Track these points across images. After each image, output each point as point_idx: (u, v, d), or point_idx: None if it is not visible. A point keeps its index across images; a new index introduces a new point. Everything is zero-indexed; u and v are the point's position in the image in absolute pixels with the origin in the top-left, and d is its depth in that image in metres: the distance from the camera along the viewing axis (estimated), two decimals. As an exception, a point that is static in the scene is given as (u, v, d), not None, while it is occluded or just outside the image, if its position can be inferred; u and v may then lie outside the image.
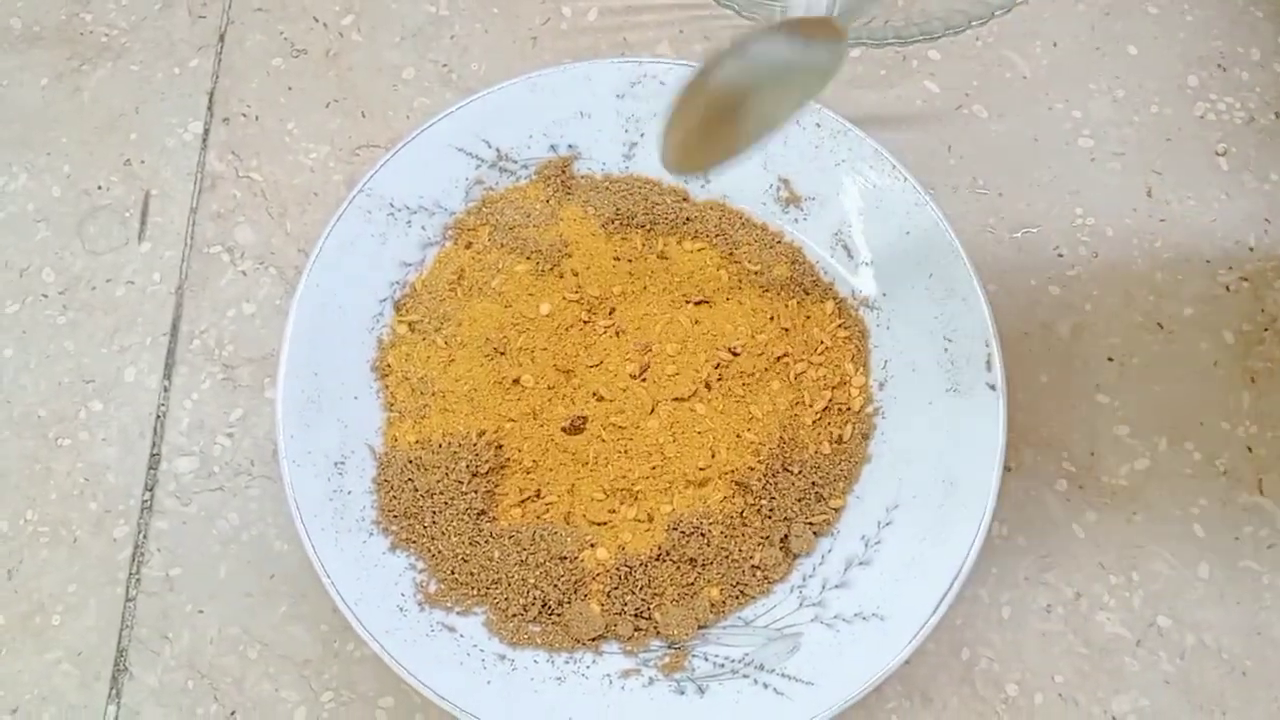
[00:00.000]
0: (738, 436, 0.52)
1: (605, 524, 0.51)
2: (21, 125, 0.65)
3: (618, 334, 0.54)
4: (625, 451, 0.52)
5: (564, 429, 0.52)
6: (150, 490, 0.56)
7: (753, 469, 0.51)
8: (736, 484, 0.52)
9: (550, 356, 0.53)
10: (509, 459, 0.52)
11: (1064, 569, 0.54)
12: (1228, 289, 0.59)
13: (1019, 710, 0.51)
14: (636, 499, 0.51)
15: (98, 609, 0.54)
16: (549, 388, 0.53)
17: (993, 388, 0.50)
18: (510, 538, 0.50)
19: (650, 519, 0.51)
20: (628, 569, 0.50)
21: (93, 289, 0.60)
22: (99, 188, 0.63)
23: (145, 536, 0.55)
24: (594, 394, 0.53)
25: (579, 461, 0.52)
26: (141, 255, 0.61)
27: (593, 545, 0.51)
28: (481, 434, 0.52)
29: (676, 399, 0.52)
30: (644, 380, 0.53)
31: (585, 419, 0.52)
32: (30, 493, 0.56)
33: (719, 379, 0.53)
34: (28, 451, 0.57)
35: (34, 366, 0.59)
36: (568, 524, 0.51)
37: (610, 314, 0.54)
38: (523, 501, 0.52)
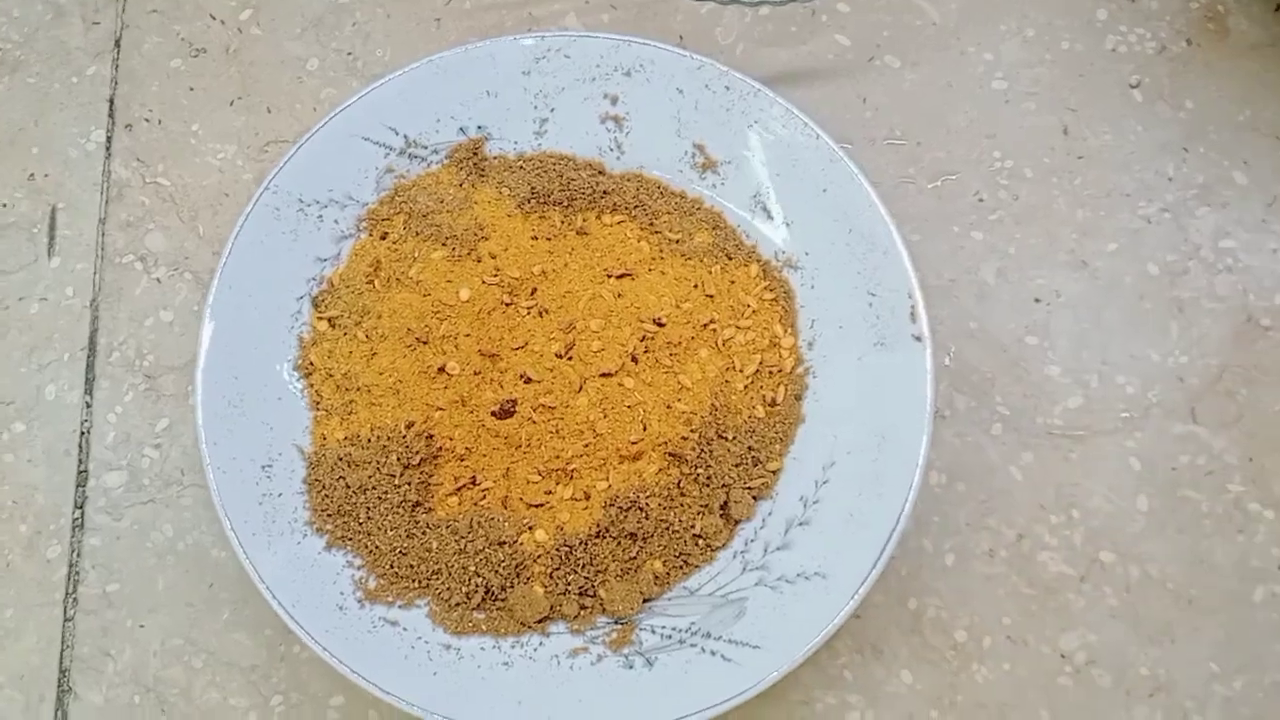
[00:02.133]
0: (668, 407, 0.52)
1: (543, 505, 0.51)
2: (-80, 145, 0.63)
3: (541, 314, 0.53)
4: (556, 431, 0.51)
5: (494, 414, 0.52)
6: (80, 508, 0.55)
7: (686, 439, 0.51)
8: (671, 455, 0.51)
9: (474, 342, 0.53)
10: (441, 448, 0.52)
11: (1004, 512, 0.54)
12: (1149, 221, 0.59)
13: (969, 655, 0.52)
14: (572, 478, 0.51)
15: (36, 631, 0.53)
16: (475, 373, 0.52)
17: (918, 339, 0.50)
18: (447, 527, 0.50)
19: (587, 497, 0.51)
20: (568, 549, 0.50)
21: (5, 308, 0.59)
22: (3, 205, 0.61)
23: (79, 554, 0.54)
24: (521, 376, 0.52)
25: (511, 445, 0.51)
26: (53, 270, 0.60)
27: (531, 528, 0.50)
28: (410, 425, 0.51)
29: (604, 375, 0.52)
30: (570, 359, 0.52)
31: (515, 402, 0.52)
32: (-42, 520, 0.55)
33: (645, 351, 0.53)
34: (-48, 478, 0.56)
35: (-48, 391, 0.58)
36: (505, 508, 0.51)
37: (532, 294, 0.54)
38: (458, 490, 0.51)
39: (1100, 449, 0.55)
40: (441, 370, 0.52)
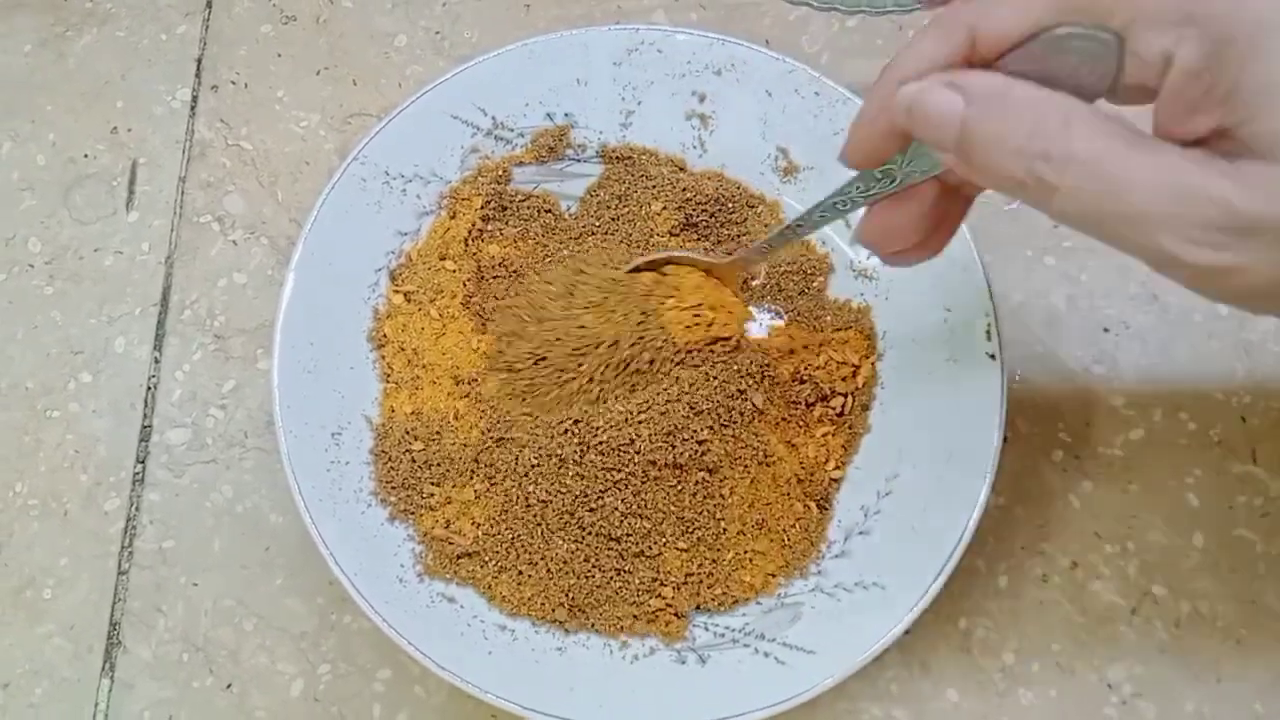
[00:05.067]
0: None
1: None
2: (6, 93, 0.64)
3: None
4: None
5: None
6: (142, 462, 0.56)
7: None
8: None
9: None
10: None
11: (1060, 538, 0.54)
12: (1222, 260, 0.59)
13: (1016, 678, 0.52)
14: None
15: (90, 582, 0.54)
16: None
17: (992, 357, 0.50)
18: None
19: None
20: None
21: (80, 259, 0.60)
22: (85, 156, 0.62)
23: (138, 509, 0.55)
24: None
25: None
26: (130, 224, 0.60)
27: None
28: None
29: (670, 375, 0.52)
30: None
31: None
32: (19, 465, 0.56)
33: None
34: (16, 423, 0.56)
35: (21, 337, 0.58)
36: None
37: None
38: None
39: (1159, 483, 0.55)
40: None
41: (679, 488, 0.50)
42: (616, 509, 0.49)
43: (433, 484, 0.51)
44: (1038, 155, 0.31)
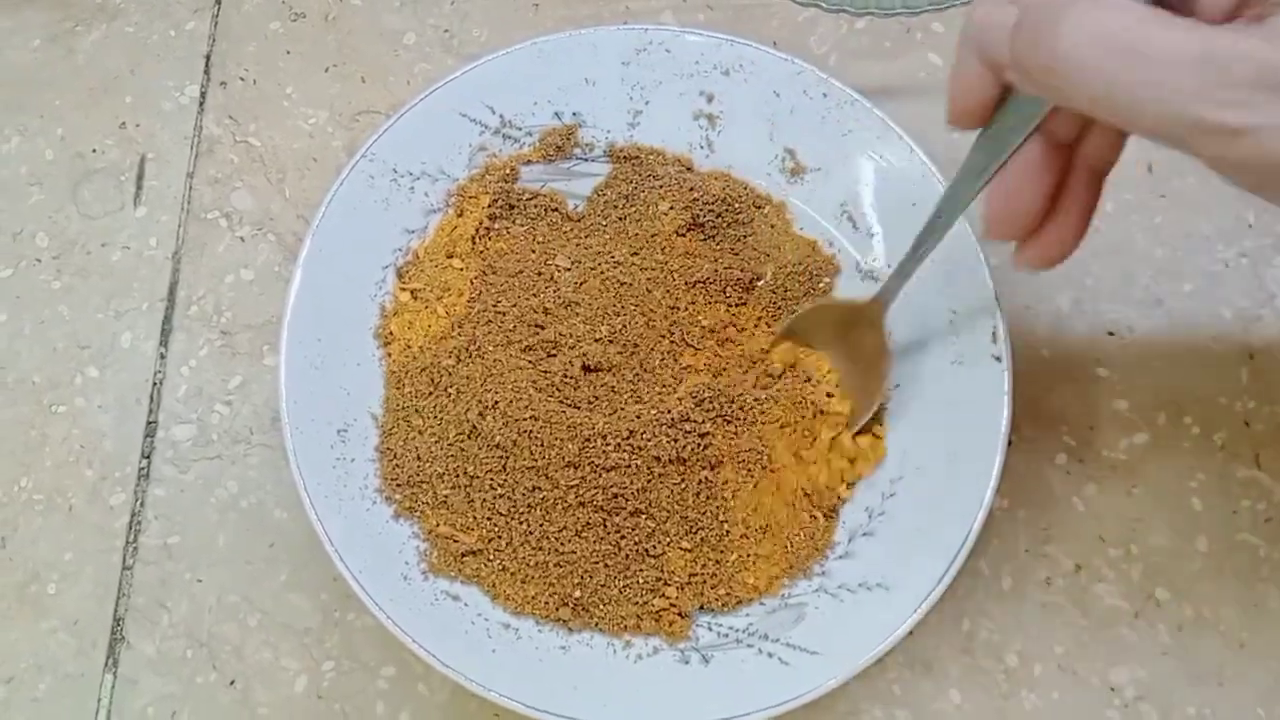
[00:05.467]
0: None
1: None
2: (14, 87, 0.64)
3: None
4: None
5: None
6: (147, 458, 0.56)
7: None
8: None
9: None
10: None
11: (1064, 541, 0.54)
12: (1226, 265, 0.59)
13: (1019, 680, 0.52)
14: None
15: (94, 577, 0.54)
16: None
17: (998, 359, 0.50)
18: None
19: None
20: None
21: (87, 253, 0.60)
22: (94, 151, 0.62)
23: (143, 504, 0.55)
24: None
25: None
26: (137, 220, 0.60)
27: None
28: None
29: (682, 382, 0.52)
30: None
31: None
32: (25, 459, 0.56)
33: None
34: (22, 418, 0.57)
35: (28, 332, 0.58)
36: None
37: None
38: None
39: (1163, 487, 0.55)
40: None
41: (682, 485, 0.50)
42: (620, 508, 0.49)
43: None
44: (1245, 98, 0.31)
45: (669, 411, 0.50)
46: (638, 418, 0.50)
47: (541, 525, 0.49)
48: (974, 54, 0.37)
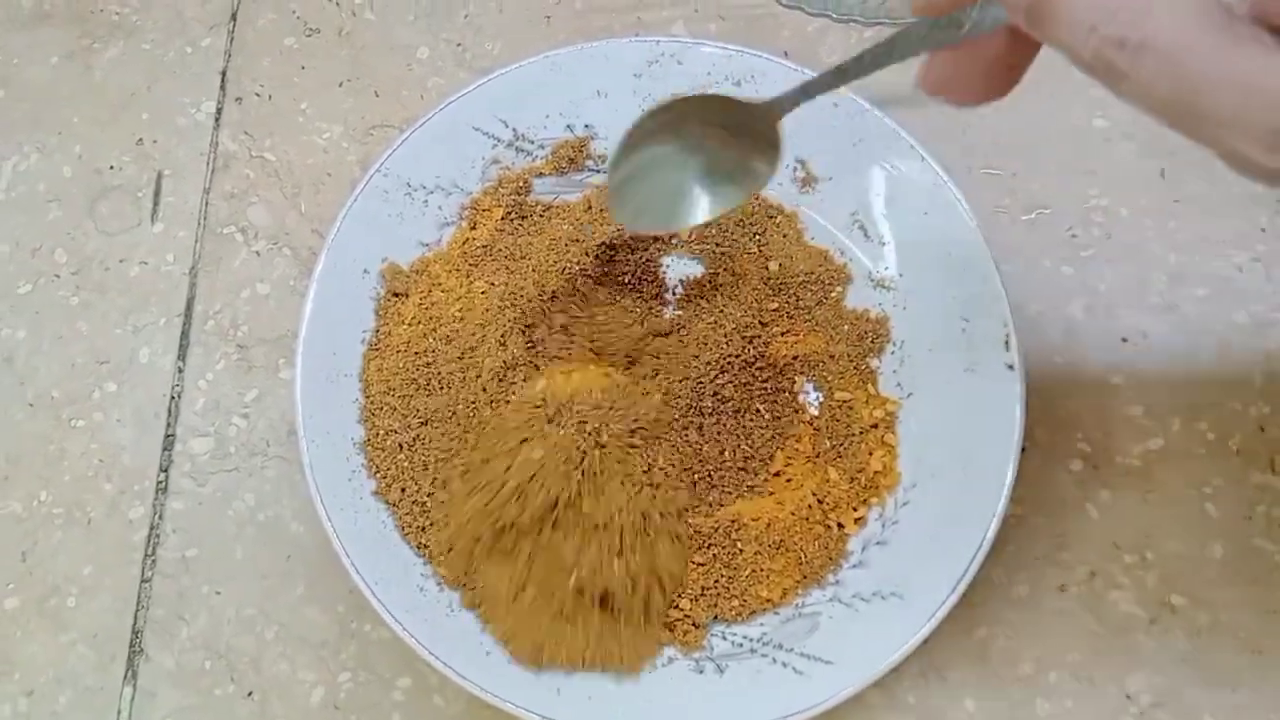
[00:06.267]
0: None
1: None
2: (32, 104, 0.64)
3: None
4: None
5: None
6: (165, 471, 0.56)
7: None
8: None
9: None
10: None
11: (1078, 548, 0.54)
12: (1240, 270, 0.59)
13: (1034, 688, 0.52)
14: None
15: (113, 590, 0.54)
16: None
17: (1011, 367, 0.50)
18: None
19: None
20: None
21: (106, 269, 0.60)
22: (111, 167, 0.63)
23: (161, 517, 0.55)
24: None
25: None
26: (155, 235, 0.61)
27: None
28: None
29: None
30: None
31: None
32: (44, 474, 0.56)
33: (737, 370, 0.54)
34: (42, 432, 0.57)
35: (47, 348, 0.59)
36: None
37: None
38: None
39: (1177, 493, 0.55)
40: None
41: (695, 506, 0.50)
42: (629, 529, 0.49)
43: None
44: (1111, 40, 0.29)
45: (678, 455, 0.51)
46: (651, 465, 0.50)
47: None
48: None
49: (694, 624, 0.49)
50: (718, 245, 0.55)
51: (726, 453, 0.51)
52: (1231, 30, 0.29)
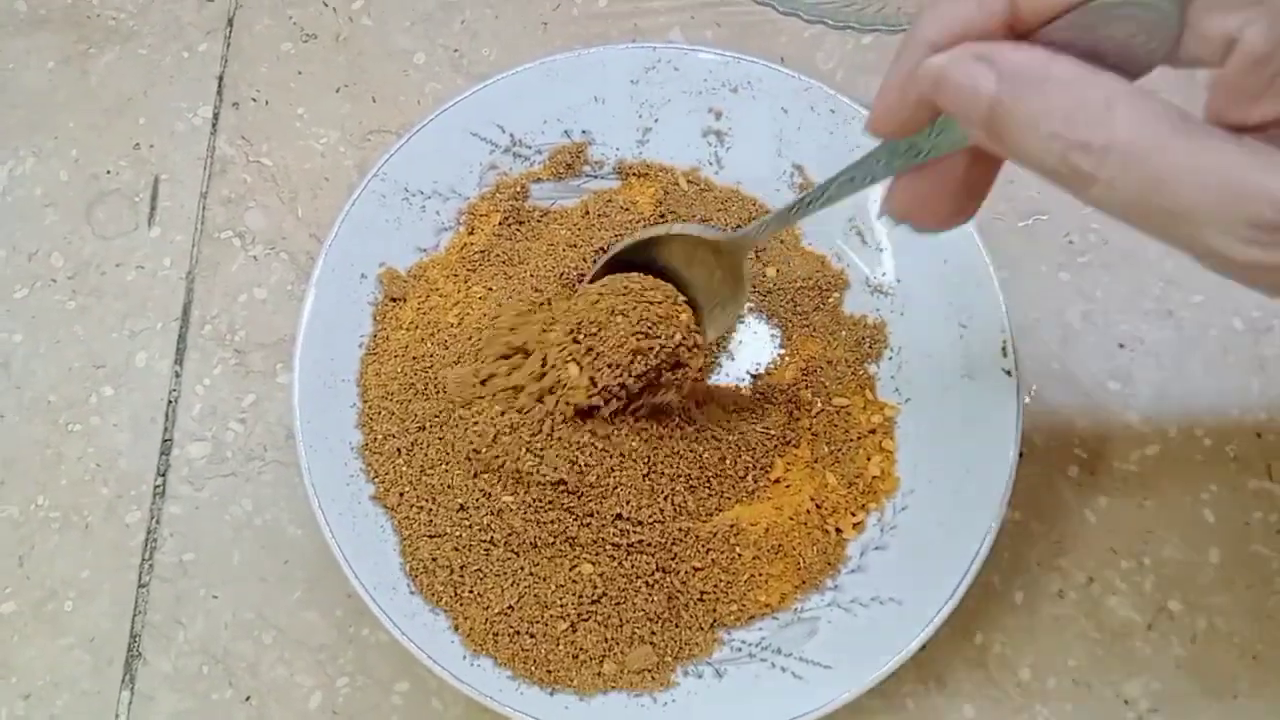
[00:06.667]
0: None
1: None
2: (28, 109, 0.64)
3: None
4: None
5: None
6: (163, 475, 0.56)
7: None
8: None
9: None
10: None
11: (1076, 554, 0.54)
12: (1236, 276, 0.59)
13: (1032, 694, 0.52)
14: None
15: (111, 594, 0.54)
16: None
17: (1009, 373, 0.51)
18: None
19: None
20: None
21: (102, 274, 0.60)
22: (108, 172, 0.63)
23: (158, 522, 0.55)
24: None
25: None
26: (151, 240, 0.61)
27: None
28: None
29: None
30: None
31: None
32: (41, 478, 0.56)
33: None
34: (38, 437, 0.57)
35: (44, 351, 0.59)
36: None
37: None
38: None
39: (1175, 499, 0.55)
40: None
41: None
42: (628, 533, 0.49)
43: None
44: (1075, 145, 0.29)
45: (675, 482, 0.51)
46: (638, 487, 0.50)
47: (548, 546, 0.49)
48: (915, 83, 0.33)
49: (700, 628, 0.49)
50: None
51: (727, 460, 0.51)
52: (1195, 128, 0.29)
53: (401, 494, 0.50)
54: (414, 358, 0.53)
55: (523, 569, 0.49)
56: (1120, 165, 0.29)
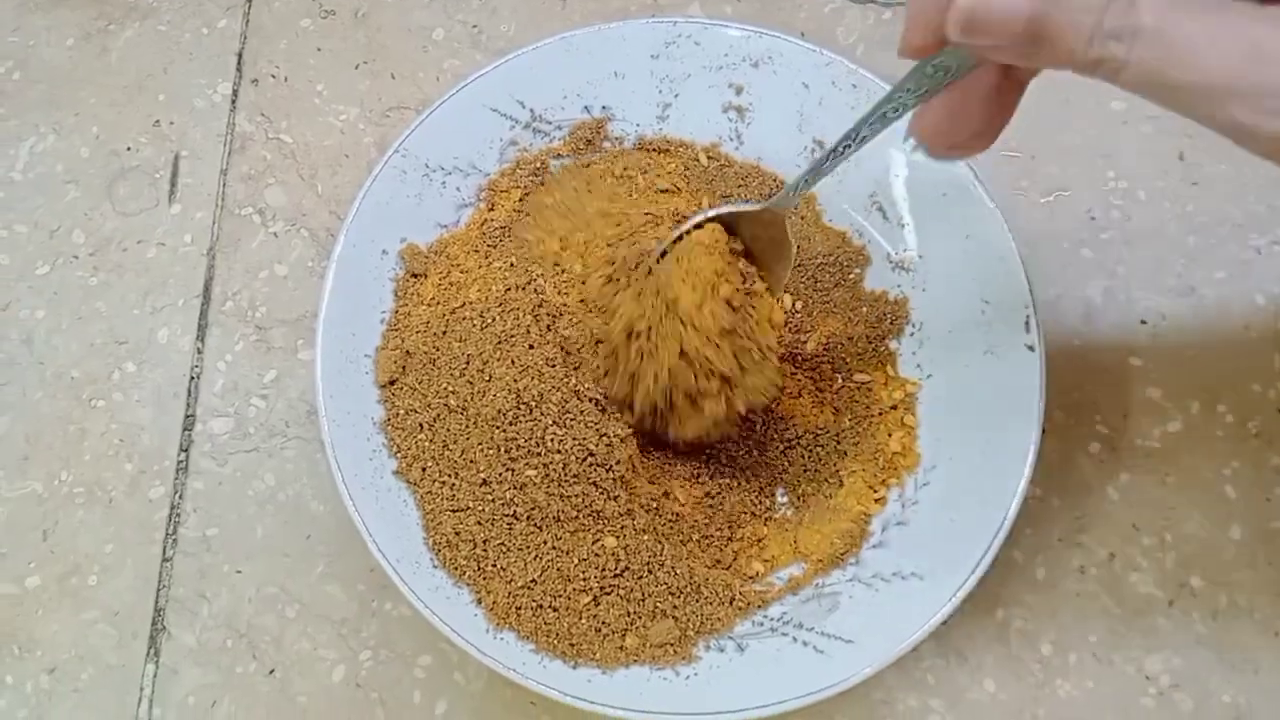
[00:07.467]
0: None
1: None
2: (49, 85, 0.64)
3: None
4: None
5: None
6: (185, 451, 0.56)
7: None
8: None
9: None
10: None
11: (1097, 530, 0.54)
12: (1259, 252, 0.59)
13: (1053, 669, 0.52)
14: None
15: (134, 569, 0.54)
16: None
17: (1031, 349, 0.50)
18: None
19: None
20: None
21: (124, 250, 0.60)
22: (128, 149, 0.63)
23: (181, 497, 0.55)
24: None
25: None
26: (172, 216, 0.61)
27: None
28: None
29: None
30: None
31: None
32: (64, 453, 0.56)
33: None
34: (61, 412, 0.57)
35: (66, 328, 0.59)
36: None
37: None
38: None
39: (1197, 475, 0.55)
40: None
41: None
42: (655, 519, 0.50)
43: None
44: (1108, 36, 0.30)
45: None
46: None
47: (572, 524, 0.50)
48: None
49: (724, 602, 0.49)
50: None
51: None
52: (1217, 2, 0.30)
53: (424, 469, 0.50)
54: (435, 333, 0.53)
55: (545, 543, 0.48)
56: (1146, 47, 0.30)
